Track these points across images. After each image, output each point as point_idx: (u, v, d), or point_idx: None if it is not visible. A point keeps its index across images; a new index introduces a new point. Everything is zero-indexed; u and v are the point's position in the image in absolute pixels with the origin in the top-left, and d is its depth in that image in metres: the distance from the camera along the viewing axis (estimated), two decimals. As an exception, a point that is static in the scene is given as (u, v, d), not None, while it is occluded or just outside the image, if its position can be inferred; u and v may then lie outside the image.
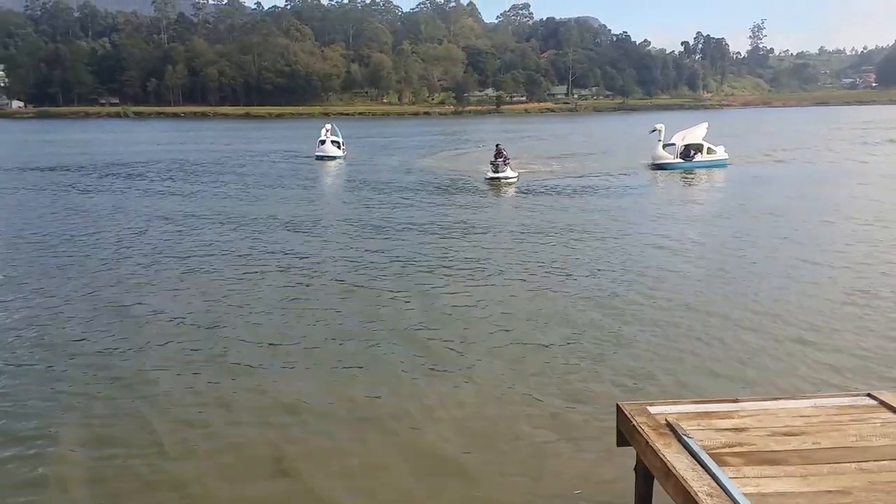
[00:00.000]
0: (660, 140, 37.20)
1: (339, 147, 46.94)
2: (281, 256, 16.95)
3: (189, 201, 27.47)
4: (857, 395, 5.66)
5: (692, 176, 34.49)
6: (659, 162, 36.95)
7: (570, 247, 17.71)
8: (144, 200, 27.86)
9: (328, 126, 48.02)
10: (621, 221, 21.34)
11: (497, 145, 32.76)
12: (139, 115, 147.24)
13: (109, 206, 26.29)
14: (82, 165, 42.73)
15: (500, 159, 31.40)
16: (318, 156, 45.70)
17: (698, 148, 37.40)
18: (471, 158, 42.45)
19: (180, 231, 20.78)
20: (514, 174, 31.85)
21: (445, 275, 14.93)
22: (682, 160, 36.77)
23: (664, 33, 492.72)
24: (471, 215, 22.94)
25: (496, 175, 31.02)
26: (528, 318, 11.84)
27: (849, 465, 4.46)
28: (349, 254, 17.28)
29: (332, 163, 44.29)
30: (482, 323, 11.64)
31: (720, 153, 37.96)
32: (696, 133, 38.03)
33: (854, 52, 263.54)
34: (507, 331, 11.23)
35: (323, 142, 46.26)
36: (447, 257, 16.60)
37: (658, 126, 37.50)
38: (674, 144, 37.27)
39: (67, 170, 40.30)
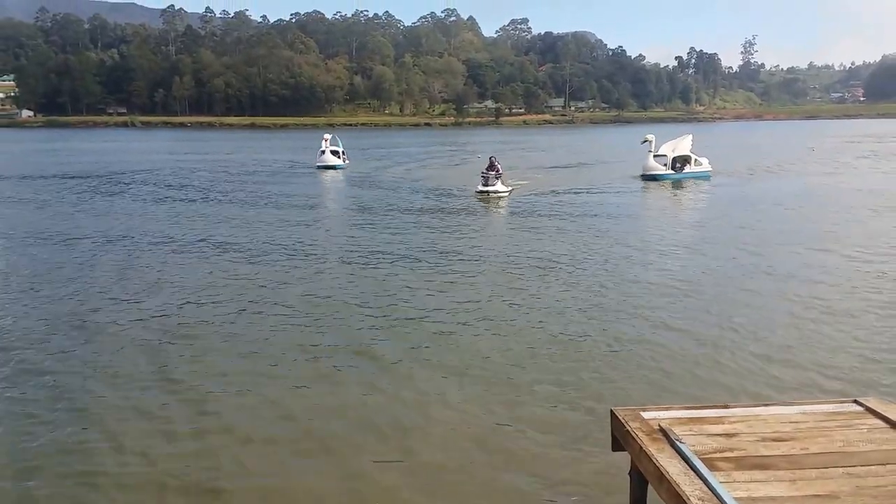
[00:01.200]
0: (650, 151, 37.15)
1: (338, 156, 46.92)
2: (247, 274, 16.09)
3: (180, 209, 27.35)
4: (845, 402, 5.68)
5: (683, 188, 34.45)
6: (650, 173, 36.88)
7: (556, 273, 17.63)
8: (133, 205, 28.20)
9: (327, 136, 48.10)
10: (612, 239, 20.22)
11: (491, 157, 31.38)
12: (146, 124, 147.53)
13: (97, 213, 26.29)
14: (81, 174, 42.55)
15: (492, 172, 30.00)
16: (318, 165, 45.81)
17: (686, 159, 37.45)
18: (466, 169, 42.03)
19: (158, 240, 20.45)
20: (506, 189, 30.30)
21: (429, 289, 14.85)
22: (672, 171, 36.76)
23: (659, 48, 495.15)
24: (451, 233, 21.64)
25: (485, 189, 29.65)
26: (517, 331, 11.75)
27: (836, 469, 4.48)
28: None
29: (332, 172, 44.22)
30: (470, 333, 11.53)
31: (705, 165, 38.08)
32: (684, 144, 37.99)
33: (842, 68, 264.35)
34: (497, 335, 11.23)
35: (323, 152, 46.32)
36: (430, 271, 16.31)
37: (649, 137, 37.44)
38: (664, 155, 37.20)
39: (69, 177, 40.21)
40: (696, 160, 37.75)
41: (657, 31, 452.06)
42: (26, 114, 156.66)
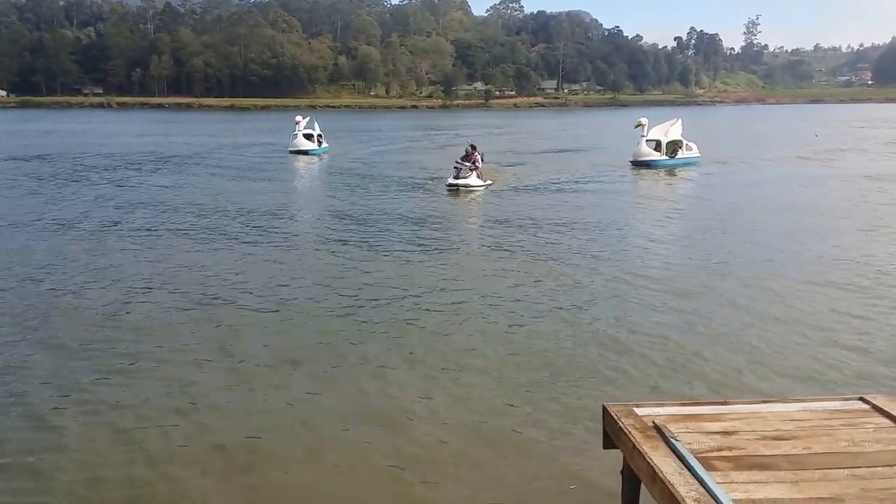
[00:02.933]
0: (643, 135, 36.10)
1: (312, 140, 45.44)
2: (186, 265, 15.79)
3: (137, 194, 27.05)
4: (849, 399, 5.58)
5: (676, 176, 34.05)
6: (644, 159, 35.83)
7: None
8: (95, 191, 27.73)
9: (299, 118, 46.54)
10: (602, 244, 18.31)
11: (470, 145, 28.76)
12: (122, 105, 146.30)
13: (57, 196, 26.07)
14: (51, 155, 42.13)
15: (467, 163, 27.35)
16: (290, 150, 44.55)
17: (679, 145, 36.98)
18: (448, 155, 40.56)
19: (96, 226, 20.23)
20: (482, 183, 27.52)
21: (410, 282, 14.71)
22: (667, 157, 36.10)
23: (657, 28, 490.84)
24: (419, 230, 20.08)
25: (455, 182, 26.97)
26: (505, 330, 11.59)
27: (841, 471, 4.37)
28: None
29: (305, 157, 43.07)
30: (459, 328, 11.37)
31: (695, 150, 37.69)
32: (675, 129, 37.34)
33: (850, 50, 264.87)
34: (484, 333, 11.05)
35: (295, 136, 44.91)
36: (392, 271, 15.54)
37: (642, 120, 36.26)
38: (658, 141, 36.26)
39: (37, 159, 39.82)
40: (686, 145, 37.38)
41: (655, 11, 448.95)
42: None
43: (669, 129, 37.25)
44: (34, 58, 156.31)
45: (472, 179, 27.19)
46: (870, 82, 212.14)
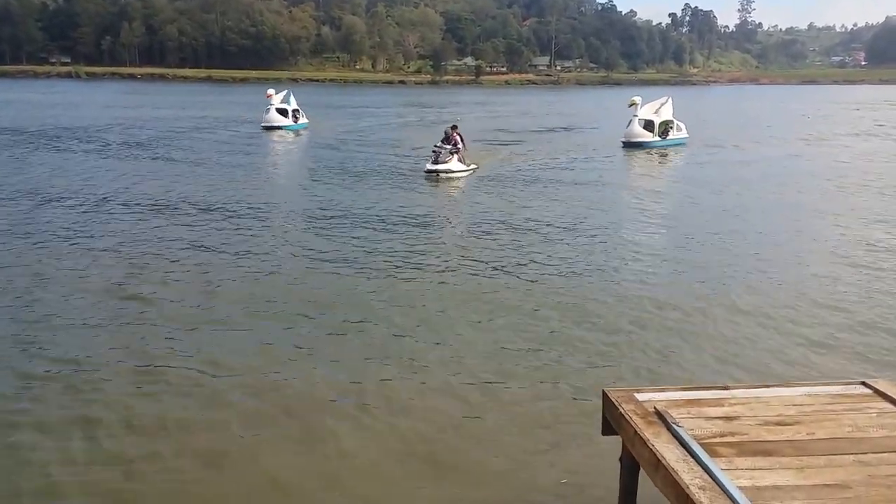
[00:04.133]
0: (635, 115, 35.50)
1: (287, 115, 44.41)
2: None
3: (91, 173, 26.00)
4: (851, 384, 5.67)
5: (669, 158, 33.93)
6: (637, 140, 35.30)
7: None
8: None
9: (272, 92, 45.22)
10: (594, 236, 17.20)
11: (447, 129, 26.84)
12: (92, 75, 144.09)
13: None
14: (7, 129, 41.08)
15: (447, 146, 25.53)
16: (262, 125, 43.56)
17: (670, 125, 36.75)
18: (438, 134, 40.21)
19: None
20: (464, 167, 25.80)
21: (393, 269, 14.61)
22: (660, 138, 35.78)
23: (651, 4, 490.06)
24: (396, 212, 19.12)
25: (434, 168, 25.15)
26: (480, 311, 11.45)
27: (846, 457, 4.45)
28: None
29: (279, 133, 42.07)
30: (444, 312, 11.29)
31: (683, 131, 37.56)
32: (667, 108, 37.07)
33: (843, 29, 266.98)
34: (475, 322, 10.97)
35: (268, 110, 43.86)
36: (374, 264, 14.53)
37: (635, 99, 35.82)
38: (651, 121, 35.77)
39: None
40: (677, 125, 37.28)
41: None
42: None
43: (660, 108, 37.01)
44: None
45: (454, 164, 25.45)
46: (863, 63, 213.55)
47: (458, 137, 26.09)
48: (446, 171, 25.12)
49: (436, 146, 26.05)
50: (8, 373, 8.88)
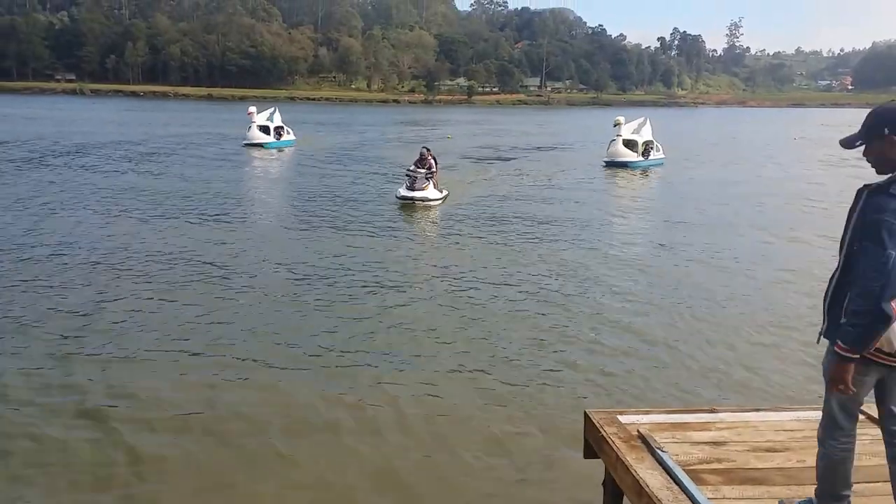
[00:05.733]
0: (619, 135, 35.06)
1: (269, 133, 43.21)
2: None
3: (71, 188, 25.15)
4: (842, 408, 5.37)
5: (651, 177, 33.59)
6: (621, 159, 34.71)
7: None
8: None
9: (253, 109, 44.11)
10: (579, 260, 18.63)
11: (423, 149, 23.89)
12: (96, 92, 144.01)
13: None
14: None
15: (422, 170, 22.74)
16: (243, 143, 42.52)
17: (651, 145, 36.56)
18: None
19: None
20: (438, 194, 22.97)
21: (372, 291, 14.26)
22: (643, 158, 35.49)
23: (640, 28, 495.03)
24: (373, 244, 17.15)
25: (410, 195, 22.18)
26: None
27: (837, 485, 4.14)
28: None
29: (260, 151, 40.74)
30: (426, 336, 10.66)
31: (661, 152, 37.45)
32: (647, 128, 36.83)
33: (831, 54, 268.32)
34: (449, 343, 10.59)
35: (249, 128, 42.90)
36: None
37: (619, 119, 35.50)
38: (634, 140, 35.53)
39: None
40: (656, 145, 37.11)
41: (639, 10, 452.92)
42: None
43: (641, 128, 36.81)
44: (6, 42, 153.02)
45: (430, 191, 22.62)
46: (850, 87, 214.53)
47: (432, 160, 23.31)
48: (423, 200, 22.24)
49: (409, 170, 23.24)
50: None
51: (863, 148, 3.54)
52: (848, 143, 3.58)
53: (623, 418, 5.06)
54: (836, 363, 3.44)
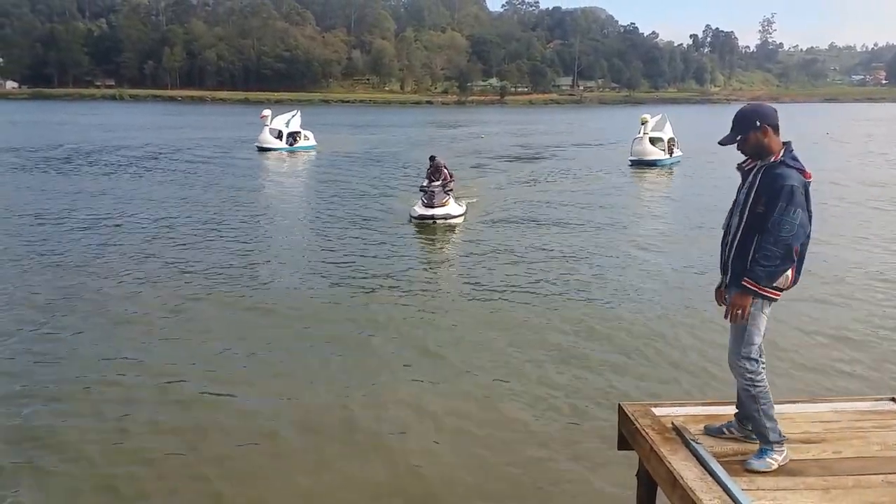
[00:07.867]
0: (645, 133, 33.99)
1: (281, 138, 42.09)
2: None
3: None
4: (880, 400, 5.28)
5: (675, 175, 32.76)
6: (649, 158, 33.78)
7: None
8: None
9: (266, 112, 43.57)
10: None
11: (434, 159, 20.33)
12: (135, 97, 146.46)
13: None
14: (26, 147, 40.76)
15: (437, 183, 19.29)
16: (256, 146, 41.95)
17: (673, 142, 35.70)
18: (458, 153, 37.97)
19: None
20: (460, 209, 19.78)
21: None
22: (668, 156, 34.72)
23: (672, 26, 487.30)
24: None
25: (430, 213, 18.82)
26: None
27: (874, 477, 4.08)
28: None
29: (274, 155, 40.00)
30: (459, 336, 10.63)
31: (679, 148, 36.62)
32: (668, 125, 35.99)
33: (864, 49, 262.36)
34: (484, 345, 10.57)
35: (262, 131, 42.43)
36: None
37: (645, 116, 34.23)
38: (661, 138, 34.72)
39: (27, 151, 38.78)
40: (677, 142, 36.26)
41: (671, 8, 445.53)
42: (10, 85, 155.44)
43: (663, 125, 35.93)
44: (46, 50, 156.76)
45: (452, 207, 19.37)
46: (884, 81, 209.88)
47: (446, 171, 19.81)
48: (444, 217, 18.89)
49: (423, 186, 19.63)
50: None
51: (745, 144, 4.31)
52: (727, 141, 4.37)
53: (657, 410, 5.03)
54: (742, 295, 4.22)
